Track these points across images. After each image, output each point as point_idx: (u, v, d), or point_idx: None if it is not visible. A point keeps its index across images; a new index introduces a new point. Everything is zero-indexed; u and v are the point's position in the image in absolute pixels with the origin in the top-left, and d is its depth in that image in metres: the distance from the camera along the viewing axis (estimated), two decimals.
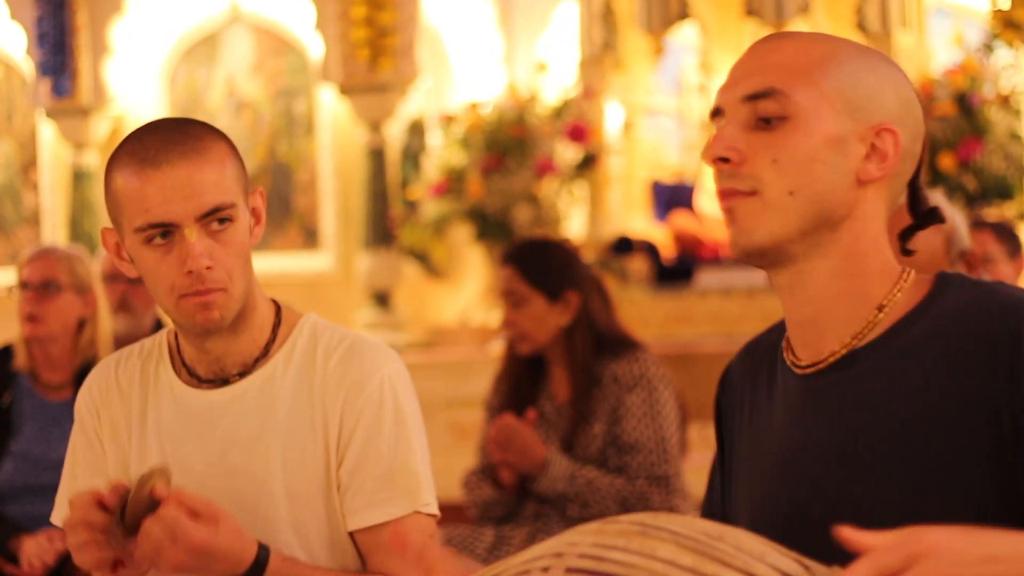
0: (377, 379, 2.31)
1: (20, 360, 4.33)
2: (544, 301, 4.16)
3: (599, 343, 4.16)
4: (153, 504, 2.11)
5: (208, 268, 2.22)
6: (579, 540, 1.52)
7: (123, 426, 2.39)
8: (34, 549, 4.04)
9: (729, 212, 1.84)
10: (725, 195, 1.84)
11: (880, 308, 1.84)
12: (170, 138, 2.23)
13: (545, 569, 1.50)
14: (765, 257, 1.85)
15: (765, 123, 1.82)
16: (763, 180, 1.81)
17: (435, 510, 2.35)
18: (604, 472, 4.03)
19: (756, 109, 1.82)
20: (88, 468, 2.41)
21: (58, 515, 2.41)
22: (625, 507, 3.99)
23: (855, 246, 1.84)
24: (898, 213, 1.93)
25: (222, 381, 2.34)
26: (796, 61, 1.83)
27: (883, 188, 1.85)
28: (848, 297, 1.84)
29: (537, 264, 4.22)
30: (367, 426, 2.30)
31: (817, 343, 1.87)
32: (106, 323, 4.38)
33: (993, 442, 1.73)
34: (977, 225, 5.02)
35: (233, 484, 2.30)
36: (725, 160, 1.83)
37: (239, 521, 2.22)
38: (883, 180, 1.85)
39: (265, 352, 2.34)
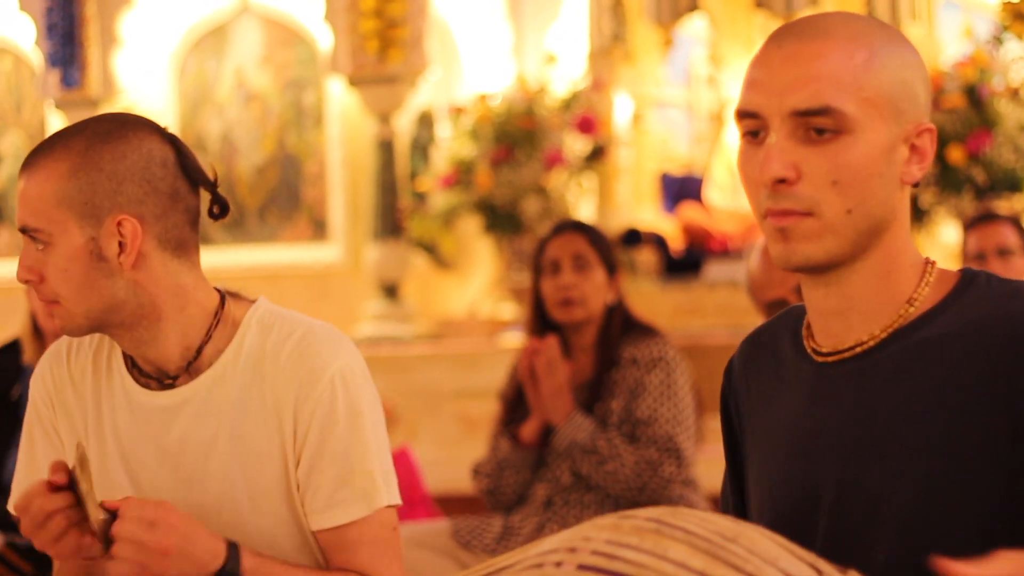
0: (328, 376, 2.26)
1: (29, 354, 4.33)
2: (604, 274, 4.26)
3: (625, 328, 4.22)
4: (110, 520, 2.11)
5: (28, 280, 2.24)
6: (594, 536, 1.52)
7: (79, 421, 2.37)
8: None
9: (782, 231, 1.81)
10: (778, 215, 1.80)
11: (910, 302, 1.84)
12: (38, 148, 2.26)
13: (558, 564, 1.50)
14: (817, 269, 1.84)
15: (817, 133, 1.78)
16: (821, 201, 1.78)
17: (395, 500, 2.31)
18: (625, 440, 4.08)
19: (807, 122, 1.78)
20: (48, 461, 2.33)
21: (14, 503, 2.35)
22: (637, 472, 4.03)
23: (892, 245, 1.84)
24: None
25: (163, 379, 2.31)
26: (843, 70, 1.78)
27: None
28: (880, 292, 1.84)
29: (601, 238, 4.37)
30: (320, 425, 2.25)
31: (843, 333, 1.87)
32: None
33: (1011, 442, 1.74)
34: (995, 217, 5.00)
35: (194, 490, 2.28)
36: (781, 180, 1.79)
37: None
38: (922, 178, 1.85)
39: (198, 354, 2.30)
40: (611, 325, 4.24)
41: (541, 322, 4.29)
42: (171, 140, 2.28)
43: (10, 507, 2.39)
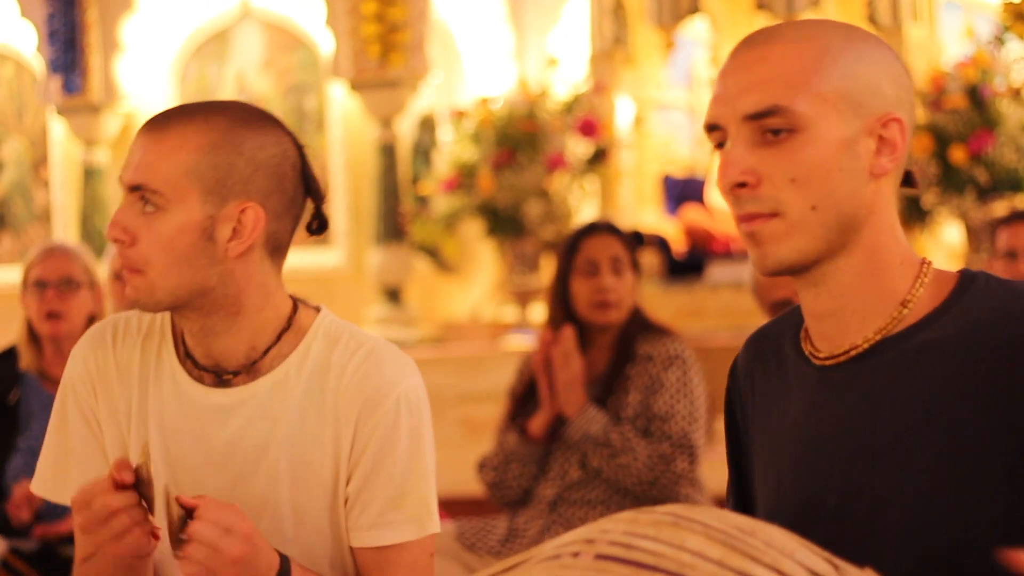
0: (394, 397, 2.23)
1: (25, 361, 4.34)
2: (633, 276, 4.33)
3: (641, 325, 4.26)
4: (185, 517, 2.05)
5: (119, 240, 2.18)
6: (611, 528, 1.53)
7: (123, 412, 2.30)
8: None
9: (751, 236, 1.82)
10: (746, 219, 1.82)
11: (904, 304, 1.83)
12: (172, 112, 2.22)
13: (575, 554, 1.51)
14: (792, 270, 1.84)
15: (773, 134, 1.79)
16: (784, 200, 1.79)
17: (438, 529, 2.29)
18: (638, 434, 4.10)
19: (761, 125, 1.79)
20: (84, 445, 2.32)
21: (39, 483, 2.34)
22: (650, 466, 4.05)
23: (875, 241, 1.83)
24: None
25: (220, 375, 2.27)
26: (790, 69, 1.80)
27: (893, 176, 1.84)
28: (870, 292, 1.83)
29: (631, 241, 4.44)
30: (379, 445, 2.22)
31: (838, 336, 1.86)
32: None
33: (1013, 446, 1.73)
34: (1017, 218, 4.98)
35: (237, 492, 2.24)
36: (742, 184, 1.81)
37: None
38: (895, 170, 1.84)
39: (263, 355, 2.26)
40: (631, 324, 4.27)
41: (567, 319, 4.29)
42: (299, 147, 2.30)
43: (33, 488, 2.36)
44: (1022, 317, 1.77)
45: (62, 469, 2.33)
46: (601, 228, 4.42)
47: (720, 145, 1.85)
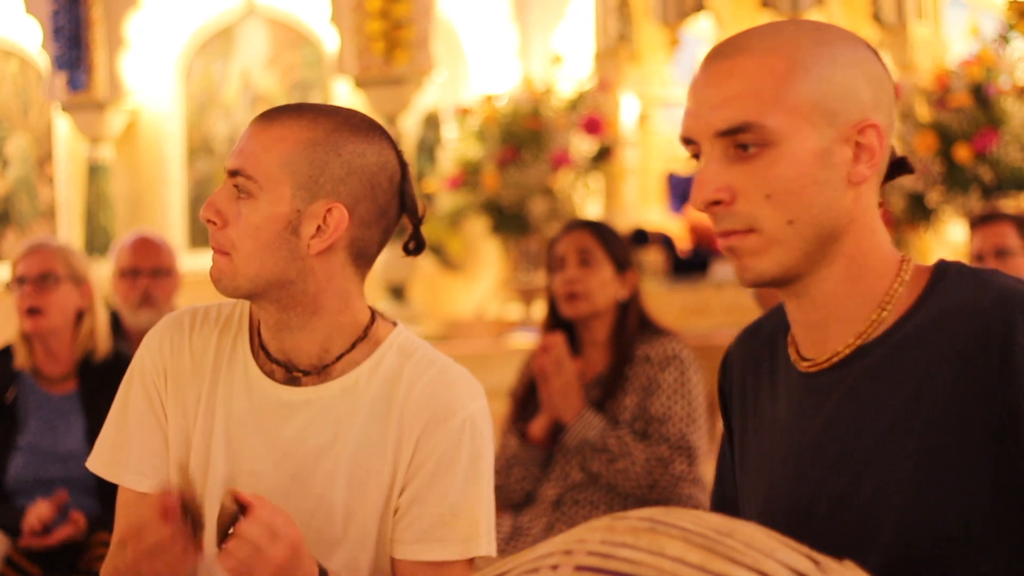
0: (460, 418, 2.25)
1: (20, 359, 4.31)
2: (612, 269, 4.28)
3: (640, 327, 4.24)
4: (237, 513, 2.05)
5: (211, 222, 2.22)
6: (588, 537, 1.52)
7: (191, 401, 2.32)
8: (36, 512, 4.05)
9: (731, 250, 1.82)
10: (723, 235, 1.82)
11: (883, 307, 1.82)
12: (286, 107, 2.27)
13: (555, 567, 1.50)
14: (774, 283, 1.83)
15: (745, 150, 1.78)
16: (760, 216, 1.78)
17: (491, 552, 2.29)
18: (636, 437, 4.09)
19: (734, 141, 1.78)
20: (144, 427, 2.34)
21: (95, 461, 2.36)
22: (648, 469, 4.05)
23: (857, 248, 1.82)
24: None
25: (290, 371, 2.29)
26: (761, 83, 1.78)
27: (872, 180, 1.83)
28: (853, 298, 1.83)
29: (610, 234, 4.36)
30: (438, 462, 2.24)
31: (822, 343, 1.86)
32: (103, 315, 4.38)
33: (990, 435, 1.72)
34: (996, 217, 4.99)
35: (293, 490, 2.26)
36: (717, 202, 1.80)
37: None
38: (875, 175, 1.82)
39: (336, 360, 2.29)
40: (625, 321, 4.25)
41: (553, 319, 4.31)
42: (402, 164, 2.32)
43: (89, 465, 2.37)
44: (987, 302, 1.75)
45: (118, 450, 2.35)
46: (573, 225, 4.42)
47: (697, 156, 1.84)
